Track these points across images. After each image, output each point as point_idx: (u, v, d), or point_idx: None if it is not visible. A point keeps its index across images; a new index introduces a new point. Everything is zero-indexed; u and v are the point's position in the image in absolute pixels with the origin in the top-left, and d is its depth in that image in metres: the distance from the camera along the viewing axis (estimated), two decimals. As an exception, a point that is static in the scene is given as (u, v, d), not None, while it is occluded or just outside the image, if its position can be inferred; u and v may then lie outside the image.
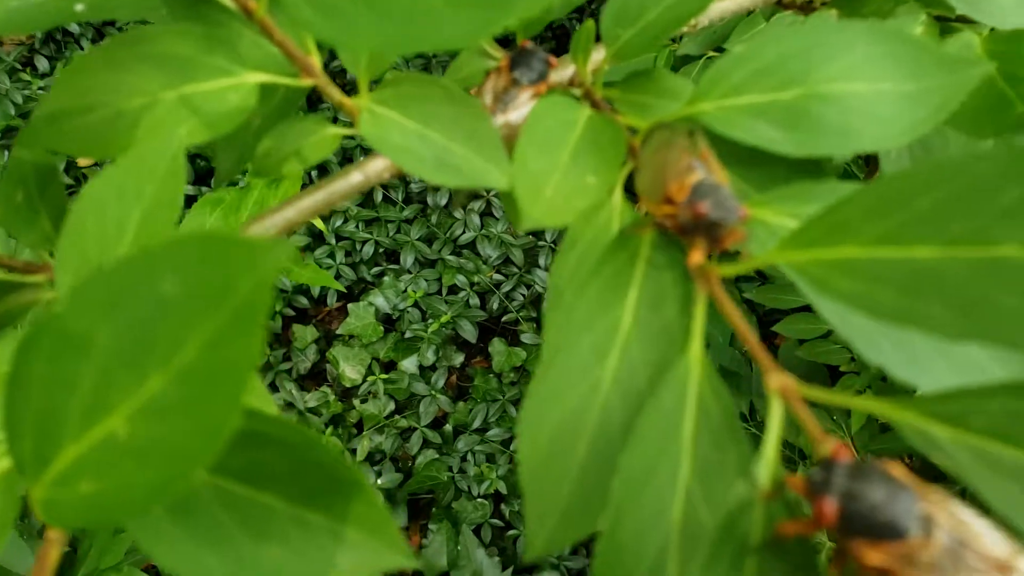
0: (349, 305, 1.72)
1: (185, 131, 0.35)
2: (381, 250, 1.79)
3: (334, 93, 0.40)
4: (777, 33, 0.41)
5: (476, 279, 1.77)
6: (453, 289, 1.79)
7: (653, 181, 0.36)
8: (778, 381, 0.30)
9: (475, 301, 1.78)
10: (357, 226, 1.78)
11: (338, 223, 1.78)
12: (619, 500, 0.29)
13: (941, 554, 0.24)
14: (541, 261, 1.78)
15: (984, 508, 0.27)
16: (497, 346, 1.74)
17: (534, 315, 1.77)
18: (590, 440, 0.33)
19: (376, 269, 1.78)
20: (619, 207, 0.41)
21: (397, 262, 1.80)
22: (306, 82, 0.39)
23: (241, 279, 0.23)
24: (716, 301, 0.34)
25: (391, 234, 1.79)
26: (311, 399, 1.65)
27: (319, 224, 1.05)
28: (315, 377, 1.75)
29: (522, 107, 0.47)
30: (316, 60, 0.40)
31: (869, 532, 0.24)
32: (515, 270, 1.79)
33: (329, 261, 1.74)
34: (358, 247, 1.78)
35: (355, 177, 0.44)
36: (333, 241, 1.77)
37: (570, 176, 0.42)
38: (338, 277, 1.73)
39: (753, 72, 0.41)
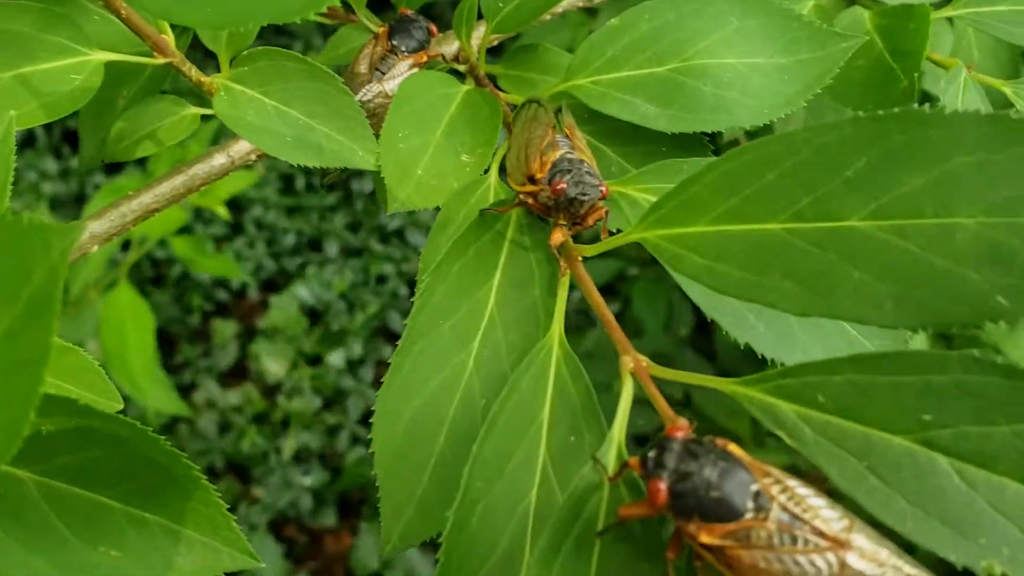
0: (271, 298, 1.69)
1: (20, 113, 0.33)
2: (304, 239, 1.76)
3: (190, 71, 0.38)
4: (652, 4, 0.41)
5: (405, 268, 1.75)
6: (381, 279, 1.77)
7: (517, 158, 0.35)
8: (630, 361, 0.30)
9: (404, 291, 1.76)
10: (277, 215, 1.75)
11: (257, 212, 1.74)
12: (472, 489, 0.28)
13: (777, 532, 0.24)
14: (468, 248, 1.76)
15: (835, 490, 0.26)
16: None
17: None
18: (450, 428, 0.32)
19: (299, 259, 1.75)
20: (495, 186, 0.40)
21: (321, 251, 1.77)
22: (159, 60, 0.38)
23: (34, 267, 0.22)
24: (579, 281, 0.33)
25: (314, 222, 1.76)
26: (233, 397, 1.61)
27: (222, 212, 1.03)
28: (237, 374, 1.72)
29: (399, 77, 0.45)
30: (170, 37, 0.38)
31: (702, 513, 0.24)
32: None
33: (248, 252, 1.71)
34: (279, 237, 1.75)
35: (218, 159, 0.42)
36: (253, 231, 1.73)
37: (444, 155, 0.41)
38: (259, 269, 1.70)
39: (628, 45, 0.40)
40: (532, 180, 0.34)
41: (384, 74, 0.45)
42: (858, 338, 0.36)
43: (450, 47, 0.50)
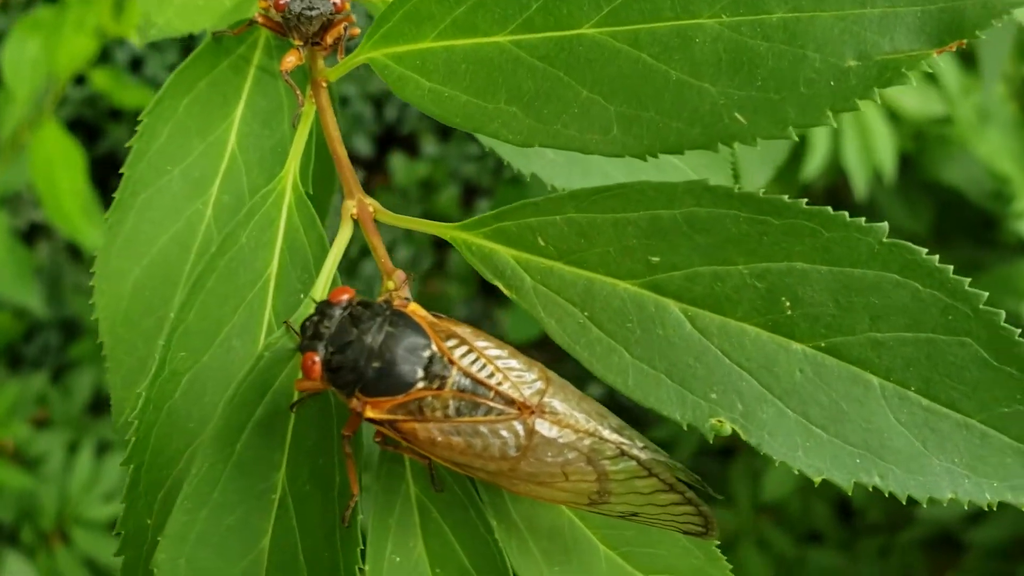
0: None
1: None
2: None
3: None
4: None
5: (370, 88, 1.68)
6: (343, 101, 1.70)
7: (259, -29, 0.30)
8: (353, 205, 0.26)
9: (369, 113, 1.68)
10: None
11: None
12: (173, 360, 0.25)
13: (455, 401, 0.21)
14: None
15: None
16: (397, 161, 1.66)
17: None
18: (187, 283, 0.29)
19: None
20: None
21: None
22: None
23: None
24: (319, 112, 0.29)
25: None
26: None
27: (136, 38, 0.96)
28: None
29: None
30: None
31: (364, 386, 0.21)
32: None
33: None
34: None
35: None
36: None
37: (212, -29, 0.35)
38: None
39: None
40: (264, -5, 0.29)
41: None
42: (673, 162, 0.32)
43: None
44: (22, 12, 1.48)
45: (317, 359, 0.21)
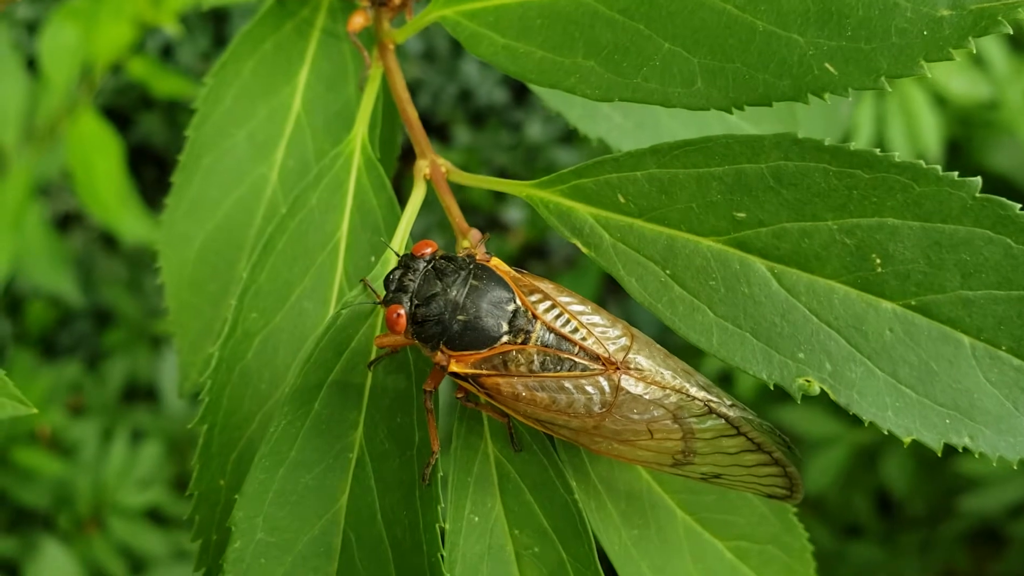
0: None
1: None
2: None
3: None
4: None
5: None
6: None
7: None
8: (426, 166, 0.25)
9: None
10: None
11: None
12: (245, 321, 0.25)
13: (539, 355, 0.20)
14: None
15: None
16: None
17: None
18: (254, 247, 0.29)
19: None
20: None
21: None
22: None
23: None
24: (388, 75, 0.28)
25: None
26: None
27: (173, 27, 0.95)
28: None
29: None
30: None
31: (449, 340, 0.20)
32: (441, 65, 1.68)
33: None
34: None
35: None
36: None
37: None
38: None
39: None
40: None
41: None
42: (739, 124, 0.32)
43: None
44: (56, 1, 1.49)
45: (402, 311, 0.20)
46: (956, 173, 0.21)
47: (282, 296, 0.26)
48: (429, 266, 0.21)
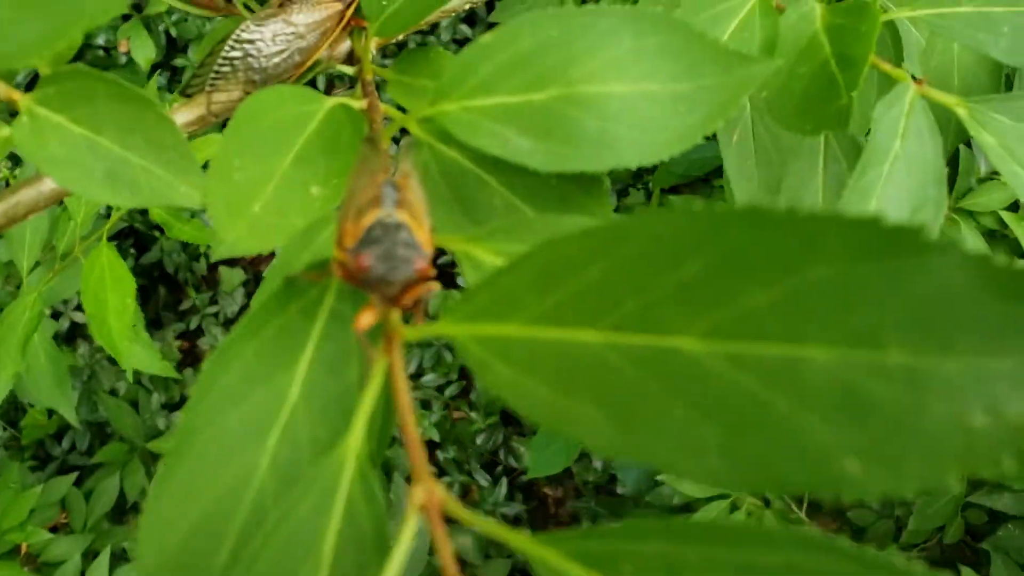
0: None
1: None
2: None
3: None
4: (534, 17, 0.34)
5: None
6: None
7: (342, 215, 0.30)
8: (421, 493, 0.24)
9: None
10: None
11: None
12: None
13: None
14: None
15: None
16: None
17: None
18: (237, 541, 0.27)
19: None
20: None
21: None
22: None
23: None
24: (391, 375, 0.27)
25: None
26: (237, 345, 1.59)
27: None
28: (243, 321, 1.70)
29: (314, 11, 0.40)
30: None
31: None
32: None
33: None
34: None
35: (47, 184, 0.37)
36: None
37: (290, 187, 0.35)
38: (265, 219, 1.66)
39: (504, 65, 0.34)
40: (342, 246, 0.28)
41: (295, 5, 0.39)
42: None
43: (342, 45, 0.44)
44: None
45: None
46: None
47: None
48: None
